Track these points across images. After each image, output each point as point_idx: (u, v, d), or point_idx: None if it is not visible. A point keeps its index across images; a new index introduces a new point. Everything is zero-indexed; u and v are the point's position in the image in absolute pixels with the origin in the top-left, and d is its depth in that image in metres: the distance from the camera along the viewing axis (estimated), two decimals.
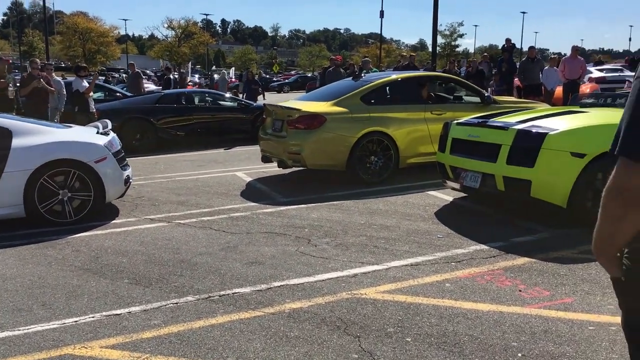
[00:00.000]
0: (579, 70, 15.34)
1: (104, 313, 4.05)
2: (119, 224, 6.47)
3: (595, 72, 21.03)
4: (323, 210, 6.86)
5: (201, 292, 4.40)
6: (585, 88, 16.39)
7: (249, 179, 8.99)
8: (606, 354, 3.31)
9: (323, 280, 4.58)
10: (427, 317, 3.86)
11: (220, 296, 4.31)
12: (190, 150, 12.56)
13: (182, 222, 6.50)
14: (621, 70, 25.66)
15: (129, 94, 15.68)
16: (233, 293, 4.36)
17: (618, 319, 3.73)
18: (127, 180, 6.93)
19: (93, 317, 3.99)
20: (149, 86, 26.81)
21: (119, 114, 12.43)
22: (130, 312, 4.05)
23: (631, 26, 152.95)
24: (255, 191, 8.12)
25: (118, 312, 4.06)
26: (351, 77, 9.84)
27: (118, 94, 15.84)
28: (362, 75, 9.96)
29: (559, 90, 15.72)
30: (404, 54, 27.01)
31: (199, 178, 9.23)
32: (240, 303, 4.17)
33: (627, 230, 1.50)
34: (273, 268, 4.89)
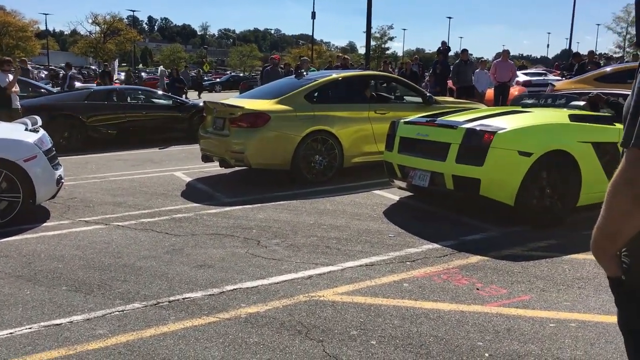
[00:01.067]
0: (509, 73, 15.85)
1: (42, 323, 3.70)
2: (52, 227, 6.03)
3: (521, 76, 21.83)
4: (270, 210, 6.67)
5: (149, 298, 4.12)
6: (514, 91, 16.92)
7: (188, 179, 8.66)
8: (570, 352, 3.31)
9: (278, 283, 4.40)
10: (389, 319, 3.76)
11: (169, 302, 4.05)
12: (123, 149, 12.02)
13: (120, 224, 6.13)
14: (545, 75, 26.88)
15: (54, 91, 14.85)
16: (183, 298, 4.11)
17: (576, 316, 3.79)
18: (59, 181, 6.48)
19: (30, 328, 3.64)
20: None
21: (44, 111, 11.68)
22: (71, 322, 3.72)
23: (549, 33, 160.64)
24: (196, 191, 7.82)
25: (58, 322, 3.73)
26: (294, 75, 9.68)
27: (42, 90, 14.98)
28: (305, 73, 9.82)
29: (489, 92, 16.20)
30: (339, 54, 27.14)
31: (135, 178, 8.81)
32: (193, 309, 3.93)
33: (634, 225, 1.44)
34: (224, 271, 4.67)
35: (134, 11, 78.71)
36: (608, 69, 13.77)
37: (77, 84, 19.38)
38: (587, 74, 13.87)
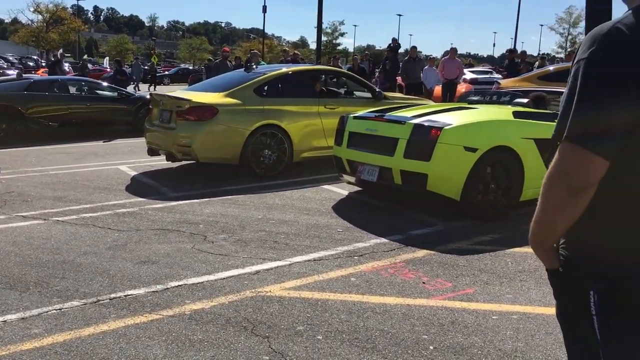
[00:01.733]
0: (456, 70, 16.14)
1: None
2: None
3: (468, 74, 22.30)
4: (217, 205, 6.56)
5: (88, 295, 3.98)
6: (462, 88, 17.26)
7: (133, 173, 8.43)
8: (512, 343, 3.38)
9: (224, 279, 4.33)
10: (336, 313, 3.75)
11: (110, 299, 3.92)
12: (65, 142, 11.59)
13: (60, 219, 5.91)
14: (490, 73, 27.56)
15: None
16: (125, 295, 3.99)
17: (518, 308, 3.87)
18: None
19: None
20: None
21: None
22: (5, 321, 3.55)
23: (495, 33, 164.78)
24: (141, 185, 7.62)
25: None
26: (243, 69, 9.56)
27: None
28: (254, 67, 9.71)
29: (437, 89, 16.46)
30: (287, 49, 27.06)
31: (77, 172, 8.52)
32: (135, 306, 3.81)
33: (569, 217, 1.47)
34: (168, 267, 4.55)
35: (78, 0, 76.10)
36: (551, 67, 14.20)
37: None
38: (532, 73, 14.27)
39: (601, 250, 1.48)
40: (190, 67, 55.87)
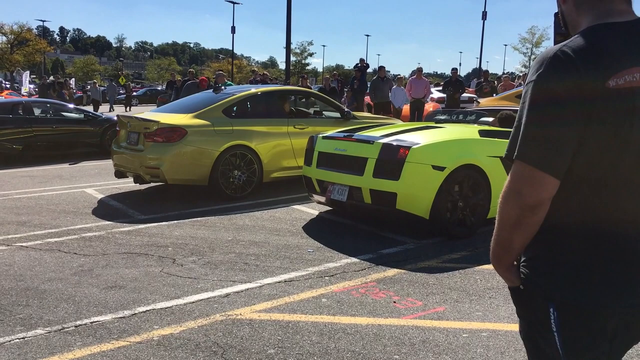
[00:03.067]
0: (423, 90, 16.37)
1: None
2: None
3: (436, 93, 22.63)
4: (186, 227, 6.49)
5: (53, 323, 3.87)
6: (429, 107, 17.51)
7: (100, 196, 8.29)
8: None
9: (193, 302, 4.26)
10: (307, 335, 3.72)
11: (76, 327, 3.82)
12: (30, 165, 11.37)
13: (24, 244, 5.76)
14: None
15: None
16: (91, 322, 3.89)
17: (487, 325, 3.90)
18: None
19: None
20: None
21: None
22: None
23: (461, 52, 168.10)
24: (109, 209, 7.49)
25: None
26: (211, 90, 9.54)
27: None
28: (222, 87, 9.70)
29: (405, 108, 16.66)
30: (255, 69, 27.11)
31: (42, 195, 8.34)
32: (101, 333, 3.72)
33: (525, 234, 1.52)
34: (136, 292, 4.47)
35: (43, 21, 75.21)
36: None
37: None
38: (510, 92, 14.56)
39: (559, 267, 1.51)
40: (159, 88, 55.50)
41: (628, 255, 1.47)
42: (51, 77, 23.37)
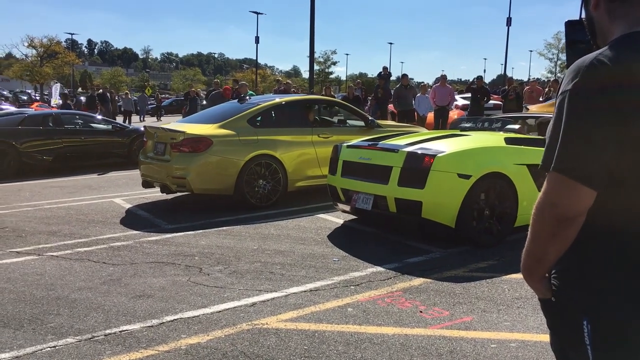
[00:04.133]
0: (447, 97, 16.30)
1: None
2: None
3: (460, 100, 22.50)
4: (212, 236, 6.54)
5: (83, 332, 3.93)
6: (453, 114, 17.42)
7: (128, 206, 8.41)
8: None
9: (220, 312, 4.29)
10: (333, 345, 3.72)
11: (105, 335, 3.88)
12: (60, 176, 11.60)
13: (54, 254, 5.87)
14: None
15: None
16: (120, 331, 3.95)
17: (516, 335, 3.85)
18: None
19: None
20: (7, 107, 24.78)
21: None
22: None
23: (485, 59, 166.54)
24: (136, 218, 7.59)
25: None
26: (236, 100, 9.63)
27: None
28: (247, 98, 9.79)
29: (430, 115, 16.60)
30: (279, 78, 27.29)
31: (72, 206, 8.49)
32: (130, 342, 3.77)
33: (559, 247, 1.49)
34: (164, 301, 4.52)
35: (72, 34, 76.59)
36: None
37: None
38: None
39: (592, 280, 1.48)
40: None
41: None
42: (99, 90, 23.96)
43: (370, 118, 9.57)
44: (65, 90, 35.56)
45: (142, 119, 32.59)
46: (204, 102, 21.15)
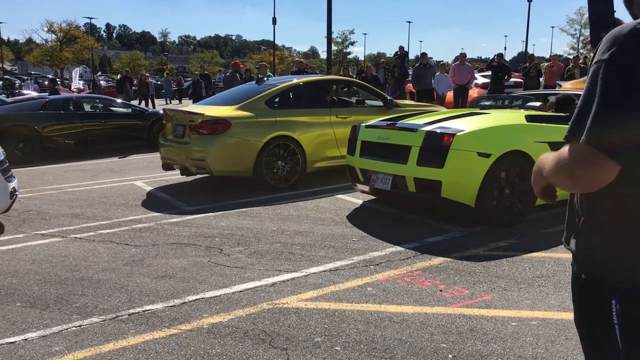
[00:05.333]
0: (467, 76, 16.10)
1: None
2: (6, 242, 5.83)
3: (480, 79, 22.22)
4: (232, 217, 6.59)
5: (107, 311, 4.01)
6: (473, 93, 17.22)
7: (149, 188, 8.50)
8: (532, 350, 3.35)
9: (241, 291, 4.34)
10: (353, 324, 3.74)
11: (129, 315, 3.95)
12: (81, 159, 11.74)
13: (78, 236, 5.97)
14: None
15: (8, 100, 14.41)
16: (144, 311, 4.01)
17: (537, 314, 3.83)
18: (12, 193, 6.28)
19: None
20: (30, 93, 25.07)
21: None
22: (26, 339, 3.59)
23: (506, 36, 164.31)
24: (157, 200, 7.68)
25: (12, 339, 3.59)
26: (254, 81, 9.62)
27: None
28: (265, 79, 9.77)
29: (449, 95, 16.44)
30: (297, 59, 27.23)
31: (94, 189, 8.61)
32: (153, 321, 3.84)
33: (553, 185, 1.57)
34: (185, 281, 4.58)
35: (91, 18, 76.94)
36: None
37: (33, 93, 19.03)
38: None
39: (623, 259, 1.45)
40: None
41: None
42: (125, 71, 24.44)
43: (388, 98, 9.50)
44: (78, 73, 35.94)
45: (168, 101, 33.02)
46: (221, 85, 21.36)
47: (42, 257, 5.30)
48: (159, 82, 39.00)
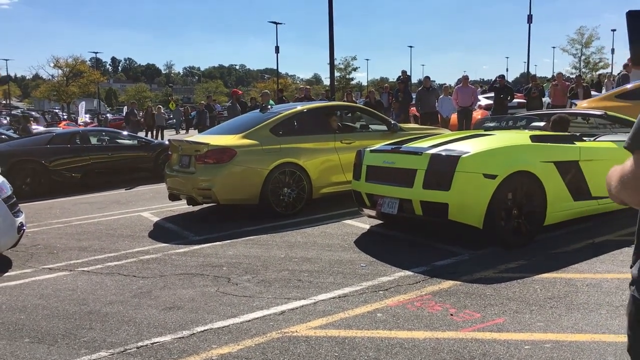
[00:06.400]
0: (470, 98, 16.16)
1: None
2: (14, 277, 5.82)
3: (483, 100, 22.30)
4: (240, 246, 6.58)
5: (115, 345, 3.98)
6: (477, 115, 17.25)
7: (156, 219, 8.51)
8: None
9: (249, 321, 4.30)
10: (364, 351, 3.69)
11: (137, 348, 3.91)
12: (88, 192, 11.79)
13: (86, 269, 5.96)
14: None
15: (15, 136, 14.57)
16: (152, 343, 3.98)
17: (550, 336, 3.77)
18: (20, 228, 6.29)
19: None
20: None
21: (5, 157, 11.48)
22: None
23: (507, 57, 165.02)
24: (164, 231, 7.67)
25: None
26: (258, 110, 9.69)
27: (3, 136, 14.71)
28: (269, 107, 9.84)
29: (453, 117, 16.47)
30: (302, 86, 27.47)
31: (101, 221, 8.62)
32: (162, 354, 3.80)
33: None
34: (193, 312, 4.55)
35: (96, 53, 78.31)
36: (629, 85, 13.60)
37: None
38: (609, 92, 14.09)
39: None
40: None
41: None
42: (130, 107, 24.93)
43: (392, 122, 9.53)
44: (84, 107, 36.49)
45: (177, 131, 33.70)
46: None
47: (49, 291, 5.29)
48: (170, 116, 39.63)
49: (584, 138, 6.67)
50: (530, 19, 40.99)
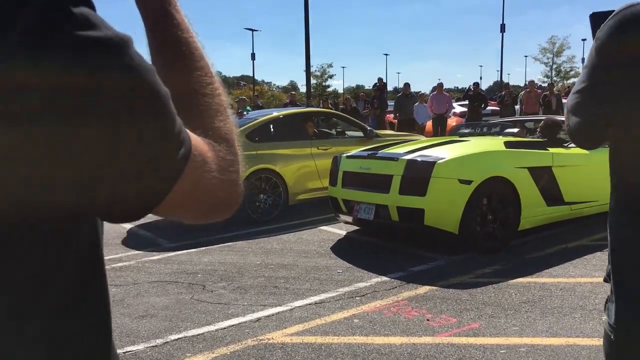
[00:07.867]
0: (445, 105, 16.30)
1: None
2: None
3: (457, 108, 22.54)
4: (215, 253, 6.50)
5: None
6: (452, 122, 17.41)
7: (129, 226, 8.36)
8: None
9: (225, 328, 4.24)
10: (340, 357, 3.66)
11: None
12: None
13: None
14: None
15: None
16: (124, 352, 3.89)
17: (525, 340, 3.80)
18: None
19: None
20: None
21: None
22: None
23: (481, 66, 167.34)
24: (138, 238, 7.55)
25: None
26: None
27: None
28: (245, 113, 9.79)
29: (428, 124, 16.60)
30: (292, 92, 27.48)
31: None
32: None
33: None
34: (167, 320, 4.47)
35: None
36: None
37: None
38: None
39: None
40: None
41: None
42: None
43: (368, 128, 9.56)
44: None
45: None
46: None
47: None
48: None
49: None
50: (503, 28, 41.65)
